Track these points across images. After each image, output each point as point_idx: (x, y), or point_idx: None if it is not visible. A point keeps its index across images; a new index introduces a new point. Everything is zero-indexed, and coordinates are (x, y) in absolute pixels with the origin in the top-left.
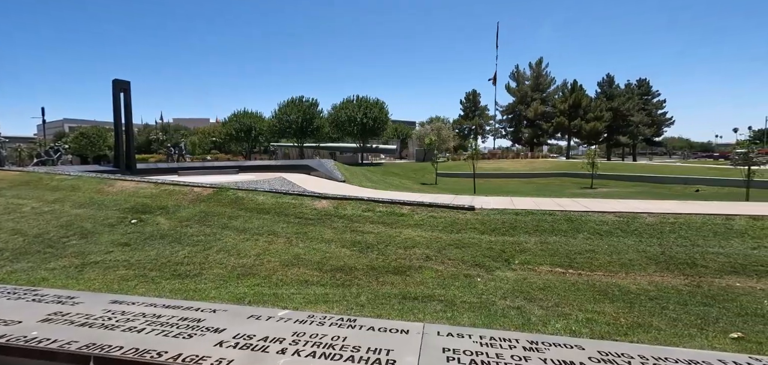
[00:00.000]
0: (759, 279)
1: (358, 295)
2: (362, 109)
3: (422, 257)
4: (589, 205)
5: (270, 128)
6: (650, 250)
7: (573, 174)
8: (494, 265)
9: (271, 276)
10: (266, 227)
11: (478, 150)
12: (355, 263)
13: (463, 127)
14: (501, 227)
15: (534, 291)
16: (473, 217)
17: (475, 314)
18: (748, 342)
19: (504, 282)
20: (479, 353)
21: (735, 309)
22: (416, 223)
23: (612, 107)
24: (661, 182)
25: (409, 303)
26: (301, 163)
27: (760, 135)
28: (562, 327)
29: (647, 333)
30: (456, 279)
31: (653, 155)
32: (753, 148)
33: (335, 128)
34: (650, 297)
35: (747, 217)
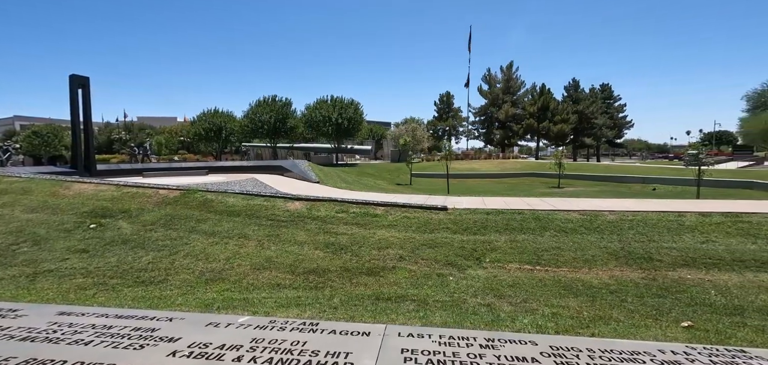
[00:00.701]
0: (707, 271)
1: (331, 297)
2: (337, 109)
3: (396, 258)
4: (556, 204)
5: (241, 127)
6: (611, 246)
7: (542, 174)
8: (466, 264)
9: (241, 281)
10: (237, 230)
11: (451, 151)
12: (328, 265)
13: (437, 128)
14: (473, 227)
15: (503, 288)
16: (446, 217)
17: (446, 312)
18: (697, 330)
19: (475, 280)
20: (437, 352)
21: (686, 300)
22: (390, 224)
23: (577, 110)
24: (622, 181)
25: (383, 304)
26: (274, 164)
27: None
28: (529, 322)
29: (607, 326)
30: (429, 279)
31: (615, 155)
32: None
33: (309, 129)
34: (611, 291)
35: (697, 214)
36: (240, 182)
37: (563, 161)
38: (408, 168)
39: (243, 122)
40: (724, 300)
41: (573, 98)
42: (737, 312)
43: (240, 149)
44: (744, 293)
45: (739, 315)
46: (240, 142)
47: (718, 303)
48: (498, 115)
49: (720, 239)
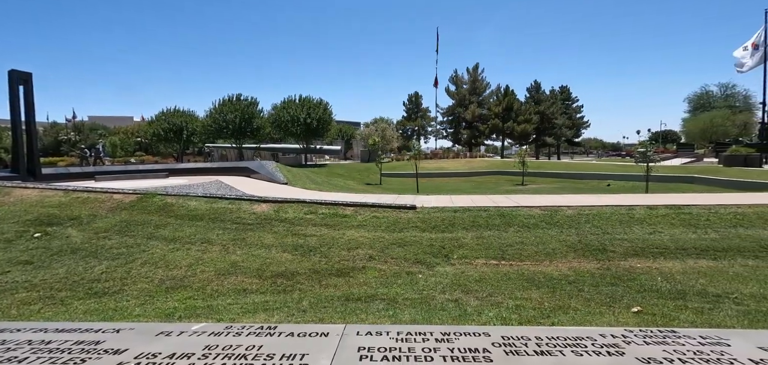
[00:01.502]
0: (654, 260)
1: (300, 300)
2: (305, 109)
3: (365, 258)
4: (519, 201)
5: (204, 127)
6: (569, 239)
7: (507, 172)
8: (435, 261)
9: (204, 287)
10: (199, 234)
11: (420, 151)
12: (297, 268)
13: (406, 128)
14: (441, 225)
15: (471, 284)
16: (415, 216)
17: (415, 310)
18: (645, 314)
19: (444, 276)
20: (393, 348)
21: (636, 287)
22: (359, 224)
23: (539, 111)
24: (580, 178)
25: (352, 304)
26: (239, 165)
27: (656, 137)
28: (495, 315)
29: (566, 314)
30: (398, 277)
31: (574, 154)
32: (650, 148)
33: (277, 129)
34: (569, 281)
35: (645, 207)
36: (203, 185)
37: (526, 160)
38: (378, 168)
39: (206, 122)
40: (669, 286)
41: (535, 99)
42: (680, 296)
43: (203, 150)
44: (686, 278)
45: (682, 299)
46: (203, 143)
47: (663, 288)
48: (465, 115)
49: (665, 229)
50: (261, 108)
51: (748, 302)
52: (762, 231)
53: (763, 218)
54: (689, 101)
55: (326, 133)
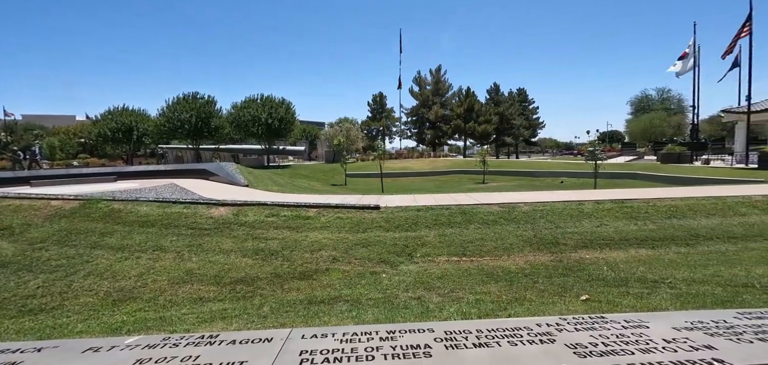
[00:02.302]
0: (601, 250)
1: (260, 306)
2: (267, 108)
3: (329, 259)
4: (479, 199)
5: (157, 127)
6: (526, 234)
7: (469, 171)
8: (398, 260)
9: (157, 298)
10: (151, 241)
11: (385, 151)
12: (257, 273)
13: (371, 128)
14: (404, 224)
15: (433, 281)
16: (379, 216)
17: (379, 309)
18: (593, 301)
19: (407, 275)
20: (336, 350)
21: (585, 277)
22: (323, 225)
23: (499, 112)
24: (536, 175)
25: (315, 307)
26: (197, 167)
27: (604, 136)
28: (455, 310)
29: (522, 306)
30: (362, 277)
31: (531, 153)
32: (598, 147)
33: (237, 129)
34: (526, 274)
35: (593, 202)
36: (156, 189)
37: (487, 159)
38: (343, 168)
39: (159, 122)
40: (613, 274)
41: (495, 100)
42: (623, 283)
43: (156, 152)
44: (628, 267)
45: (625, 286)
46: (156, 143)
47: (609, 277)
48: (429, 115)
49: (610, 222)
50: (219, 107)
51: (680, 285)
52: (692, 221)
53: (693, 210)
54: (631, 103)
55: (289, 133)
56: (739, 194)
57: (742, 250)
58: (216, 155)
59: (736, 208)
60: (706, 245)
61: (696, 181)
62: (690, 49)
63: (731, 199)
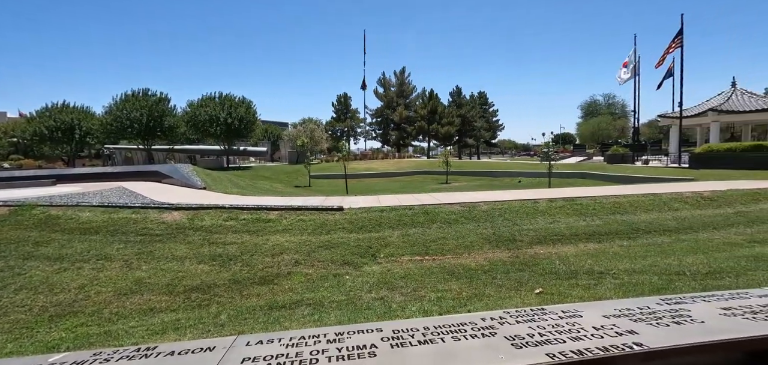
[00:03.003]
0: (554, 246)
1: (217, 314)
2: (226, 108)
3: (291, 263)
4: (441, 198)
5: (104, 126)
6: (485, 232)
7: (433, 172)
8: (362, 261)
9: (101, 311)
10: (94, 250)
11: (349, 151)
12: (215, 280)
13: (335, 129)
14: (368, 225)
15: (396, 281)
16: (342, 217)
17: (342, 311)
18: (546, 294)
19: (371, 276)
20: (280, 355)
21: (539, 271)
22: (285, 228)
23: (461, 114)
24: (496, 175)
25: (276, 313)
26: (148, 169)
27: (557, 138)
28: (418, 308)
29: (481, 301)
30: (325, 280)
31: (491, 154)
32: (552, 148)
33: (194, 129)
34: (485, 271)
35: (547, 200)
36: (102, 193)
37: (450, 160)
38: (306, 170)
39: (105, 120)
40: (564, 267)
41: (457, 103)
42: (573, 276)
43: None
44: (578, 260)
45: (574, 278)
46: (102, 144)
47: (560, 270)
48: (393, 117)
49: (562, 219)
50: (174, 105)
51: (622, 276)
52: (633, 216)
53: (634, 206)
54: (581, 108)
55: (250, 134)
56: (673, 191)
57: (675, 242)
58: (170, 156)
59: (670, 204)
60: (645, 238)
61: (637, 179)
62: (630, 58)
63: (666, 195)
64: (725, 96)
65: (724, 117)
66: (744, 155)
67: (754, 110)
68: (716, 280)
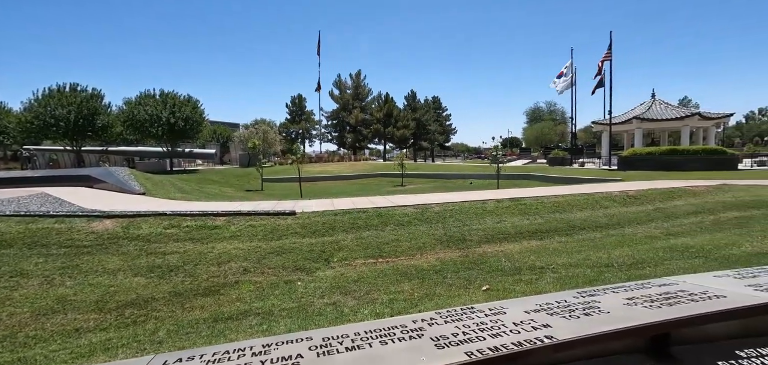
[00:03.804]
0: (500, 244)
1: (155, 330)
2: (169, 106)
3: (239, 271)
4: (396, 201)
5: (22, 125)
6: (437, 233)
7: (388, 174)
8: (315, 266)
9: (15, 335)
10: (7, 266)
11: (304, 154)
12: (153, 293)
13: (290, 130)
14: (321, 229)
15: (349, 284)
16: (294, 221)
17: (292, 319)
18: (492, 291)
19: (323, 281)
20: None
21: (487, 268)
22: (233, 234)
23: (416, 118)
24: (449, 178)
25: (221, 325)
26: (77, 173)
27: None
28: (370, 312)
29: (431, 301)
30: (276, 288)
31: (445, 156)
32: (500, 151)
33: (132, 129)
34: (436, 271)
35: (494, 200)
36: (19, 200)
37: (405, 162)
38: (258, 173)
39: (24, 118)
40: (510, 264)
41: (412, 107)
42: (517, 272)
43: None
44: (521, 256)
45: (518, 274)
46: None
47: (506, 267)
48: (349, 119)
49: (508, 218)
50: (108, 103)
51: (560, 270)
52: (570, 214)
53: (571, 205)
54: (527, 113)
55: (197, 135)
56: (603, 190)
57: (606, 237)
58: (104, 159)
59: (601, 202)
60: (580, 234)
61: (574, 180)
62: (567, 69)
63: (598, 195)
64: (647, 106)
65: (645, 124)
66: (662, 158)
67: (670, 118)
68: (639, 270)
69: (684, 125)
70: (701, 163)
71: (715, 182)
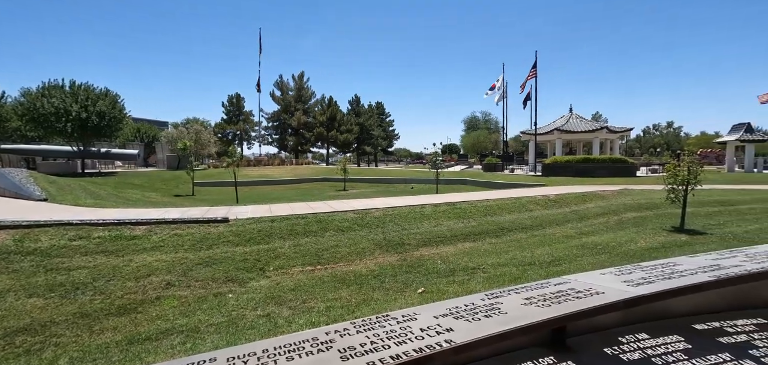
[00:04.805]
0: (437, 247)
1: (54, 359)
2: (80, 99)
3: (161, 286)
4: (336, 206)
5: None
6: (376, 238)
7: (331, 179)
8: (248, 276)
9: None
10: None
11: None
12: (53, 316)
13: (226, 131)
14: (256, 236)
15: (285, 294)
16: (227, 229)
17: (220, 335)
18: (427, 293)
19: (257, 292)
20: None
21: (424, 271)
22: (155, 245)
23: (359, 122)
24: (392, 182)
25: (138, 347)
26: None
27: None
28: (305, 321)
29: (368, 306)
30: (204, 302)
31: (389, 161)
32: (439, 157)
33: (33, 124)
34: (375, 276)
35: (432, 205)
36: None
37: (348, 167)
38: (189, 176)
39: None
40: (445, 266)
41: (356, 111)
42: (451, 273)
43: None
44: (456, 258)
45: (452, 275)
46: None
47: (442, 269)
48: (291, 122)
49: (444, 222)
50: (2, 93)
51: (490, 270)
52: (500, 217)
53: (501, 208)
54: (464, 122)
55: (117, 133)
56: (529, 195)
57: (530, 237)
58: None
59: (527, 205)
60: (508, 236)
61: (504, 185)
62: (498, 83)
63: (524, 198)
64: (566, 119)
65: (564, 135)
66: (578, 165)
67: (584, 130)
68: (556, 266)
69: (595, 137)
70: (608, 170)
71: (618, 187)
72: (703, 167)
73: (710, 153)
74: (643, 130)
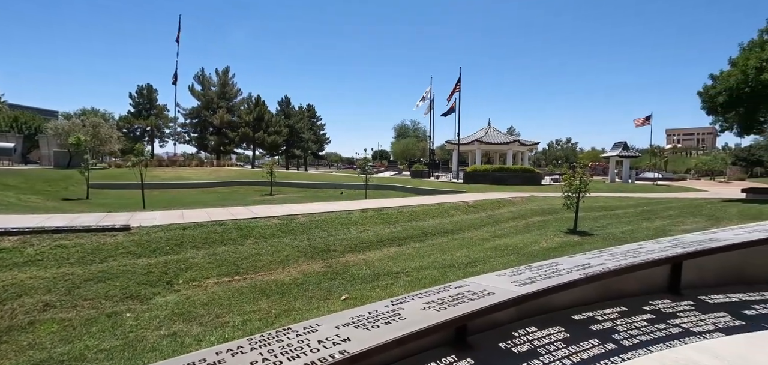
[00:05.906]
0: (363, 252)
1: None
2: None
3: (37, 308)
4: (259, 211)
5: None
6: (301, 245)
7: (256, 182)
8: (152, 292)
9: None
10: None
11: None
12: None
13: (134, 127)
14: (164, 246)
15: (196, 309)
16: (127, 238)
17: (114, 361)
18: (351, 299)
19: (162, 308)
20: None
21: (348, 277)
22: (29, 260)
23: (289, 125)
24: (321, 187)
25: None
26: None
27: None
28: (218, 337)
29: (289, 316)
30: (94, 323)
31: (319, 165)
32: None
33: None
34: (298, 284)
35: (360, 210)
36: None
37: (275, 170)
38: (83, 176)
39: None
40: (370, 271)
41: (285, 113)
42: (376, 278)
43: None
44: (381, 263)
45: (377, 280)
46: None
47: (367, 274)
48: (213, 120)
49: (371, 227)
50: None
51: (413, 273)
52: (424, 222)
53: (425, 213)
54: (395, 129)
55: None
56: (451, 200)
57: (451, 241)
58: None
59: (449, 211)
60: (432, 240)
61: (430, 191)
62: (427, 94)
63: (447, 204)
64: (485, 131)
65: (483, 146)
66: (494, 174)
67: (500, 143)
68: (473, 267)
69: (509, 149)
70: (519, 179)
71: (527, 194)
72: (592, 177)
73: (598, 166)
74: (548, 144)
